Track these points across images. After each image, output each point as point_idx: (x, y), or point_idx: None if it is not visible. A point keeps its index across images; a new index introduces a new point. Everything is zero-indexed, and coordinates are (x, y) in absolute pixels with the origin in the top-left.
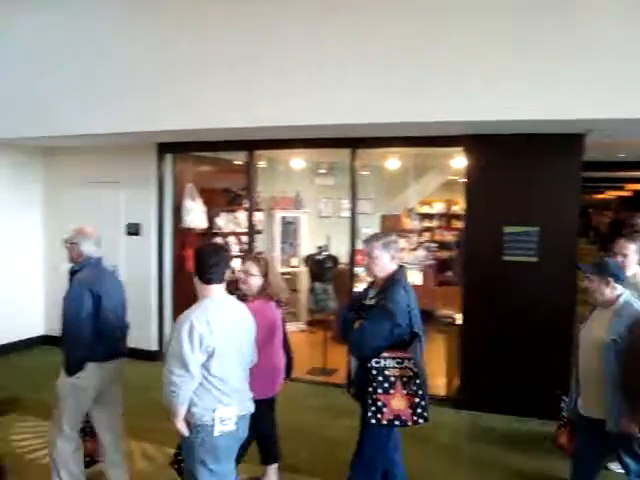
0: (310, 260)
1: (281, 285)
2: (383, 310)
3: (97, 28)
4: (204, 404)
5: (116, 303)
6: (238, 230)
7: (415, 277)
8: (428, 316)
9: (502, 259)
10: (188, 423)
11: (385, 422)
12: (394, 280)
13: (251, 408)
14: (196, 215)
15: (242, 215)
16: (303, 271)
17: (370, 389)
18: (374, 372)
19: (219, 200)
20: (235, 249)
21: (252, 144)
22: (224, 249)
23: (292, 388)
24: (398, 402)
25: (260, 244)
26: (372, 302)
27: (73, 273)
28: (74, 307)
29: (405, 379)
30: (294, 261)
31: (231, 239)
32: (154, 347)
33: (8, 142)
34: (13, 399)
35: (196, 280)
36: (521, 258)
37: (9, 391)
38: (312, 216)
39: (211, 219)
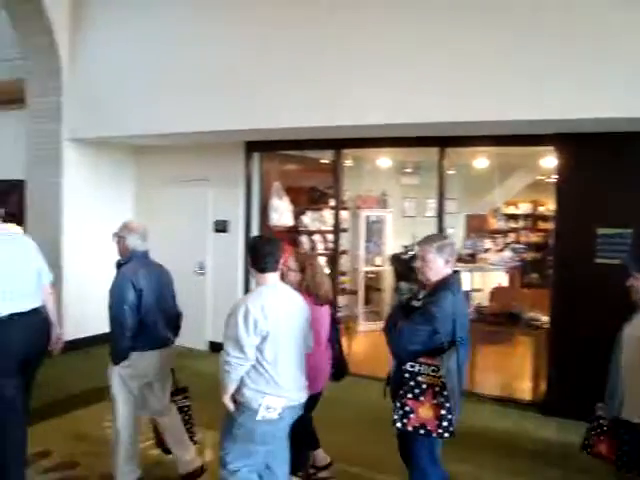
0: (396, 259)
1: (321, 283)
2: (425, 314)
3: (190, 26)
4: (255, 387)
5: (160, 295)
6: (323, 228)
7: (501, 279)
8: (515, 318)
9: (594, 261)
10: (236, 401)
11: (410, 428)
12: (444, 285)
13: (302, 399)
14: (282, 213)
15: (328, 213)
16: (387, 270)
17: (401, 392)
18: (407, 376)
19: (305, 198)
20: (320, 247)
21: (339, 143)
22: (277, 240)
23: (374, 387)
24: (426, 411)
25: (345, 242)
26: (418, 304)
27: (119, 266)
28: (117, 299)
29: (437, 388)
30: (378, 260)
31: (316, 237)
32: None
33: (106, 140)
34: (104, 388)
35: (252, 269)
36: (614, 261)
37: (101, 380)
38: (396, 215)
39: (297, 217)
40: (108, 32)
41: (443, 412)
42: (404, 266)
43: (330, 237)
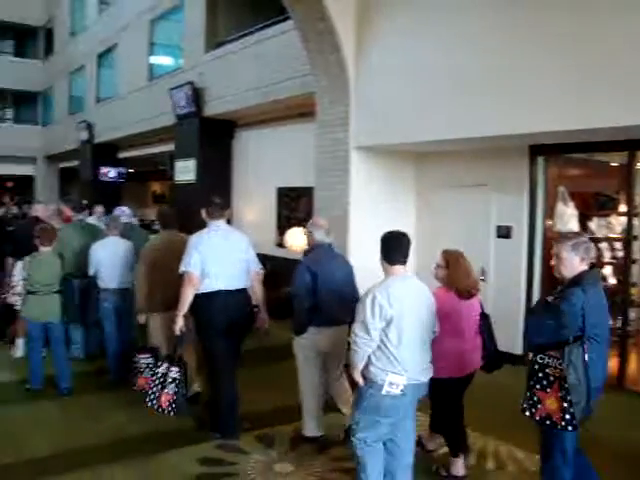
0: None
1: (461, 278)
2: (553, 308)
3: (468, 30)
4: (379, 365)
5: (335, 281)
6: (611, 235)
7: None
8: None
9: None
10: (365, 377)
11: (537, 418)
12: (576, 281)
13: (424, 378)
14: (568, 219)
15: (615, 220)
16: None
17: (531, 382)
18: (536, 367)
19: (590, 204)
20: (607, 255)
21: (633, 144)
22: (406, 235)
23: None
24: (552, 402)
25: (637, 251)
26: (551, 300)
27: (305, 254)
28: (297, 282)
29: (563, 382)
30: None
31: (603, 245)
32: (518, 351)
33: (389, 148)
34: None
35: (382, 262)
36: None
37: None
38: None
39: (583, 223)
40: (389, 44)
41: (565, 405)
42: None
43: (618, 245)
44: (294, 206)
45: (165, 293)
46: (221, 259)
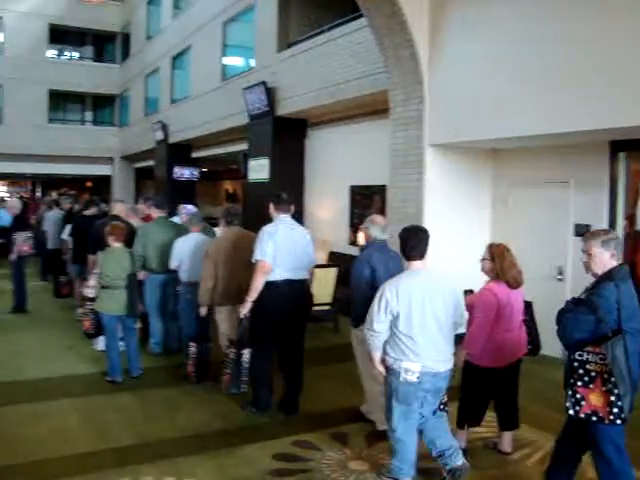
0: None
1: (508, 269)
2: (588, 303)
3: (550, 23)
4: (394, 355)
5: (390, 275)
6: None
7: None
8: None
9: None
10: (387, 367)
11: (582, 415)
12: (608, 276)
13: (442, 368)
14: None
15: None
16: None
17: (572, 380)
18: (576, 364)
19: None
20: None
21: None
22: (424, 231)
23: None
24: (597, 398)
25: None
26: (584, 296)
27: (362, 250)
28: (356, 276)
29: (606, 376)
30: None
31: None
32: None
33: (464, 145)
34: None
35: (402, 257)
36: None
37: None
38: None
39: None
40: (464, 38)
41: (612, 399)
42: None
43: None
44: (367, 204)
45: (229, 287)
46: (287, 250)
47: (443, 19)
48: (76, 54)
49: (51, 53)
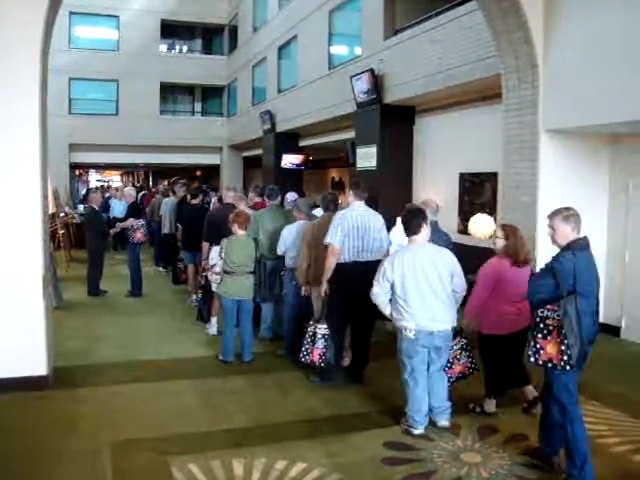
0: None
1: (520, 248)
2: (549, 269)
3: None
4: (395, 315)
5: None
6: None
7: None
8: None
9: None
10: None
11: (541, 362)
12: (568, 247)
13: (435, 327)
14: None
15: None
16: None
17: (534, 333)
18: (537, 320)
19: None
20: None
21: None
22: (421, 210)
23: None
24: (552, 347)
25: None
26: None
27: None
28: None
29: (561, 329)
30: None
31: None
32: None
33: (581, 130)
34: None
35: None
36: None
37: None
38: None
39: None
40: (580, 18)
41: (563, 348)
42: None
43: None
44: (477, 192)
45: (320, 268)
46: (356, 234)
47: (558, 1)
48: (185, 47)
49: (162, 47)
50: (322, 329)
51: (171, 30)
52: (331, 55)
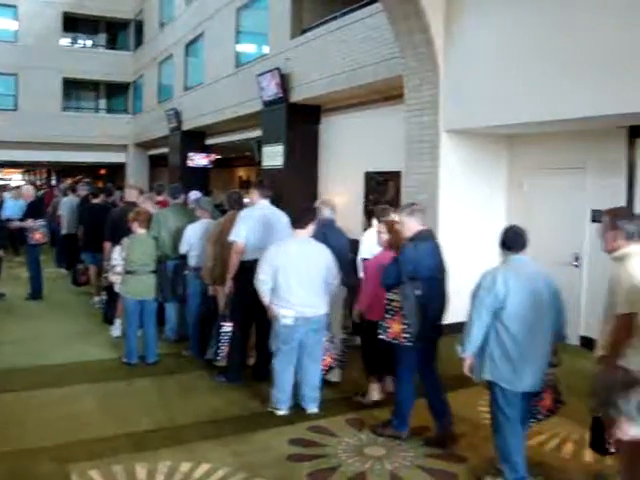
0: None
1: (401, 240)
2: (395, 258)
3: (565, 8)
4: (276, 302)
5: (337, 247)
6: None
7: None
8: None
9: None
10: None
11: (389, 339)
12: (412, 238)
13: (311, 314)
14: None
15: None
16: None
17: (385, 314)
18: (386, 302)
19: None
20: None
21: None
22: (313, 209)
23: None
24: (396, 326)
25: None
26: None
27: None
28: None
29: (403, 310)
30: None
31: None
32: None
33: (479, 131)
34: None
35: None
36: None
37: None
38: None
39: None
40: (479, 25)
41: (404, 327)
42: None
43: None
44: (382, 191)
45: (224, 266)
46: (261, 233)
47: (458, 4)
48: (89, 42)
49: (65, 41)
50: (227, 328)
51: (74, 23)
52: (238, 53)
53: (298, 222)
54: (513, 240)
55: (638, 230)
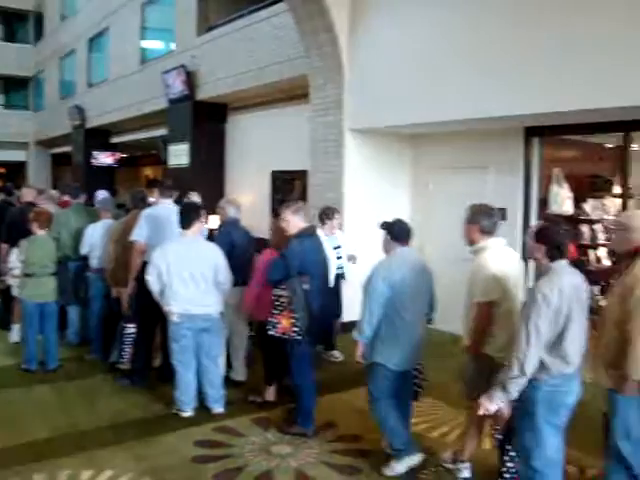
0: None
1: (283, 241)
2: (281, 254)
3: (465, 11)
4: (166, 300)
5: (240, 247)
6: (606, 217)
7: None
8: None
9: None
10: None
11: (279, 334)
12: (297, 235)
13: (197, 311)
14: (562, 201)
15: (610, 202)
16: None
17: (273, 310)
18: (274, 298)
19: (586, 186)
20: (601, 237)
21: (628, 125)
22: (197, 207)
23: None
24: (285, 321)
25: None
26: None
27: (220, 226)
28: (219, 246)
29: (291, 306)
30: None
31: (597, 226)
32: None
33: (384, 130)
34: None
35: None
36: None
37: None
38: None
39: (577, 205)
40: (384, 25)
41: (293, 321)
42: None
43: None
44: (288, 189)
45: (127, 267)
46: (162, 232)
47: (364, 4)
48: None
49: None
50: (131, 329)
51: None
52: (144, 49)
53: (182, 222)
54: (400, 233)
55: (493, 225)
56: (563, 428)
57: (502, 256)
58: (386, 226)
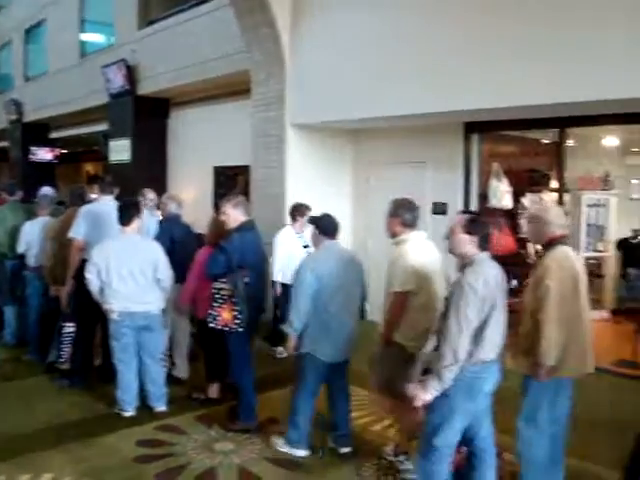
0: (623, 244)
1: (219, 236)
2: (221, 248)
3: (407, 8)
4: (106, 299)
5: (182, 242)
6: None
7: None
8: None
9: None
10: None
11: (219, 327)
12: (237, 229)
13: (136, 309)
14: (502, 195)
15: (547, 196)
16: (610, 256)
17: (212, 303)
18: (214, 291)
19: (524, 180)
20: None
21: (563, 122)
22: (135, 204)
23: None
24: (227, 314)
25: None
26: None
27: (161, 222)
28: (161, 242)
29: (233, 298)
30: (600, 245)
31: None
32: None
33: (326, 125)
34: None
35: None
36: None
37: None
38: (622, 198)
39: (516, 200)
40: (325, 22)
41: (235, 313)
42: (633, 252)
43: None
44: (231, 185)
45: (65, 265)
46: (99, 229)
47: (304, 1)
48: None
49: None
50: (69, 328)
51: None
52: (83, 42)
53: (122, 219)
54: (327, 227)
55: (414, 219)
56: (475, 414)
57: (422, 249)
58: (314, 220)
